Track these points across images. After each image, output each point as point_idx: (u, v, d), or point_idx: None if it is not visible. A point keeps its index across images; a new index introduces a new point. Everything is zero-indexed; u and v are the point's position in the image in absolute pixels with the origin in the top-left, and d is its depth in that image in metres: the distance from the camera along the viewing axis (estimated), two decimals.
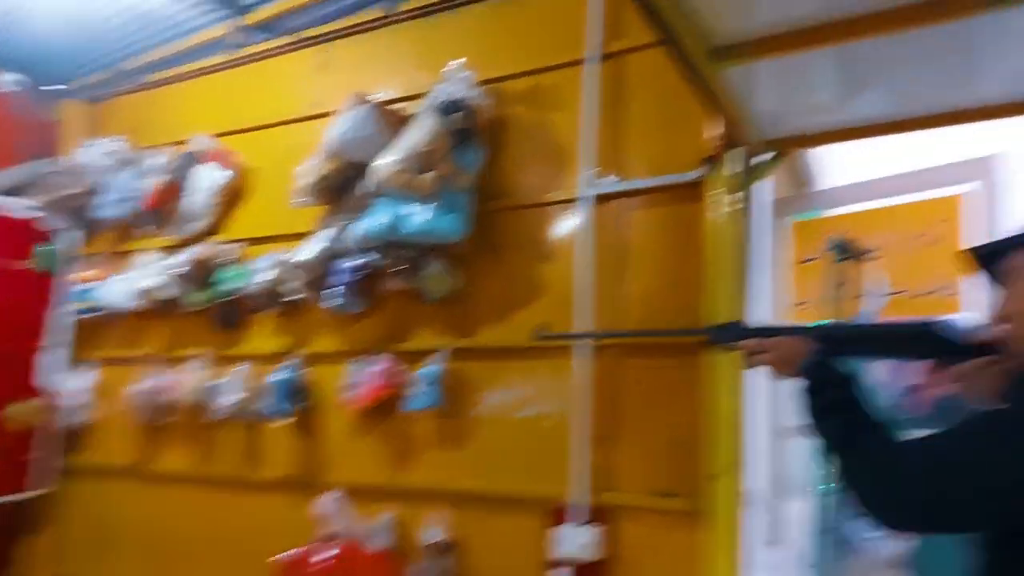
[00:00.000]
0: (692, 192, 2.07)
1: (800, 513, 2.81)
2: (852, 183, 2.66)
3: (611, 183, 2.22)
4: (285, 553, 2.39)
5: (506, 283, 2.36)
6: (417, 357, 2.42)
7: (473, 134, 2.29)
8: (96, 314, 3.13)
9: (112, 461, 3.04)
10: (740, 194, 1.96)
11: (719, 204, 1.96)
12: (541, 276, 2.32)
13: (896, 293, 2.63)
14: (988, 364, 1.10)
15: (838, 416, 1.12)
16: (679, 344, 2.06)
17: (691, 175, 2.05)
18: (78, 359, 3.22)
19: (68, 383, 3.15)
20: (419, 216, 2.28)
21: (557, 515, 2.11)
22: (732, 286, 1.96)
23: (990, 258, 1.08)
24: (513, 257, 2.37)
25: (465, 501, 2.29)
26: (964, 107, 1.69)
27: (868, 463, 1.04)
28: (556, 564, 2.06)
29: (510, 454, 2.25)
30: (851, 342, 1.29)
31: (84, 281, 3.19)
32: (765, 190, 2.17)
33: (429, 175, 2.26)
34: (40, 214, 3.19)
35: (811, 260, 2.84)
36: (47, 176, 3.25)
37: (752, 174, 1.98)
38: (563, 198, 2.29)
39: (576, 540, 2.04)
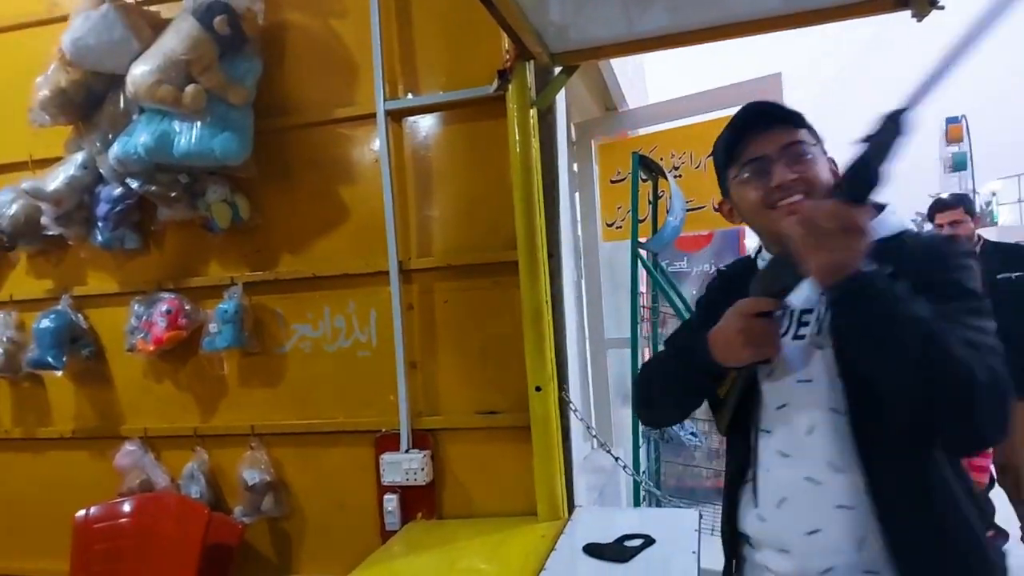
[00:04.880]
0: (490, 108, 1.97)
1: (625, 418, 3.03)
2: (654, 103, 2.71)
3: (406, 99, 2.06)
4: (86, 509, 2.19)
5: (303, 208, 2.18)
6: (209, 293, 2.22)
7: (243, 42, 2.01)
8: None
9: None
10: (535, 110, 1.88)
11: (516, 120, 1.87)
12: (341, 200, 2.16)
13: (696, 209, 2.79)
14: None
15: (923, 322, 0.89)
16: (491, 264, 2.03)
17: (486, 89, 1.94)
18: None
19: None
20: (188, 135, 2.00)
21: (382, 443, 2.09)
22: (539, 205, 1.92)
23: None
24: (307, 180, 2.18)
25: (282, 440, 2.20)
26: (746, 19, 1.70)
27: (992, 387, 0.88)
28: (386, 489, 2.07)
29: (327, 388, 2.18)
30: None
31: None
32: (562, 109, 2.11)
33: (194, 87, 1.96)
34: None
35: (619, 180, 2.92)
36: None
37: (549, 88, 1.90)
38: (355, 114, 2.10)
39: (403, 466, 2.05)
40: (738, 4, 1.64)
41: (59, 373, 2.31)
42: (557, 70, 1.91)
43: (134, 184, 2.10)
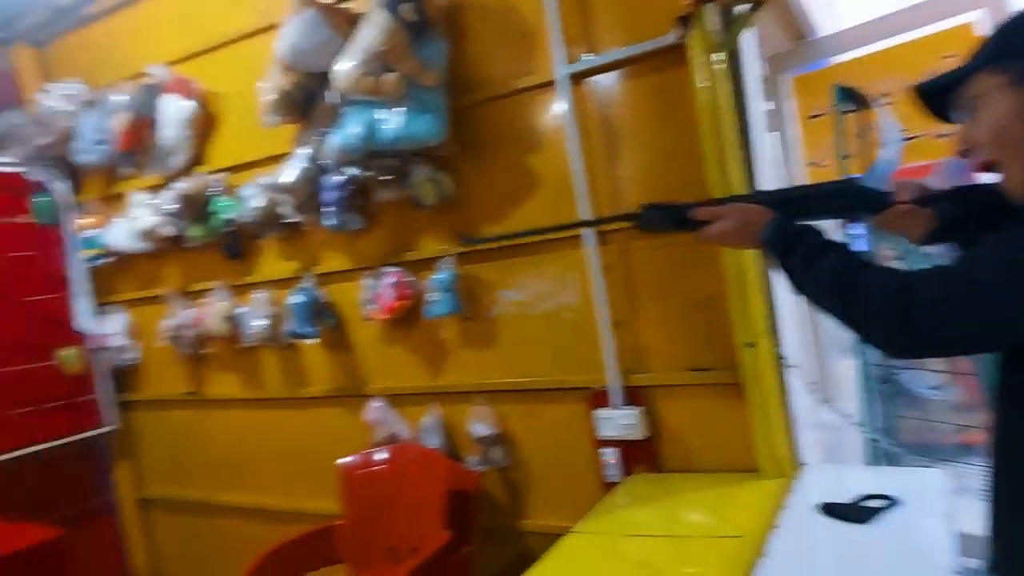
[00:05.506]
0: (673, 57, 1.87)
1: (846, 370, 2.82)
2: (851, 27, 2.37)
3: (586, 60, 2.01)
4: (346, 458, 2.54)
5: (499, 180, 2.25)
6: (426, 265, 2.39)
7: (430, 25, 2.07)
8: (107, 260, 3.14)
9: (166, 392, 3.20)
10: (723, 53, 1.75)
11: (701, 65, 1.76)
12: (531, 168, 2.20)
13: (913, 138, 2.43)
14: (909, 211, 1.15)
15: (825, 259, 1.03)
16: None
17: (667, 39, 1.84)
18: (101, 304, 3.28)
19: (102, 327, 3.24)
20: (392, 121, 2.13)
21: (596, 400, 2.17)
22: (733, 152, 1.82)
23: (943, 94, 1.00)
24: (501, 151, 2.24)
25: (504, 396, 2.35)
26: None
27: (876, 292, 0.94)
28: (603, 443, 2.15)
29: (538, 348, 2.27)
30: (785, 204, 1.20)
31: (85, 228, 3.17)
32: (752, 45, 1.93)
33: (392, 75, 2.08)
34: (23, 167, 3.11)
35: (818, 116, 2.63)
36: (17, 128, 3.11)
37: (733, 28, 1.76)
38: (538, 82, 2.10)
39: (618, 422, 2.11)
40: None
41: (313, 341, 2.66)
42: (742, 7, 1.75)
43: (353, 171, 2.30)
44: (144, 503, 3.41)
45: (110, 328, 3.23)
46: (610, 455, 2.15)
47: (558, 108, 2.11)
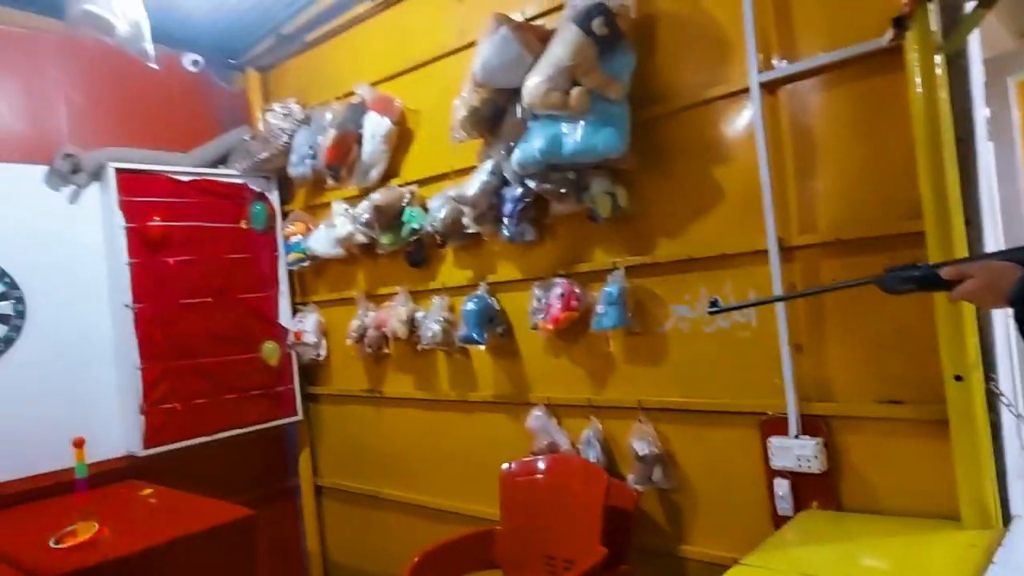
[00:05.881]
0: (882, 62, 1.76)
1: None
2: None
3: (782, 67, 1.94)
4: (508, 464, 2.59)
5: (677, 192, 2.23)
6: (596, 277, 2.41)
7: (619, 38, 2.11)
8: (306, 264, 3.48)
9: (348, 388, 3.46)
10: (943, 56, 1.61)
11: (920, 69, 1.63)
12: (715, 180, 2.15)
13: None
14: None
15: None
16: (888, 236, 1.82)
17: (879, 42, 1.73)
18: (299, 304, 3.64)
19: (298, 324, 3.58)
20: (574, 135, 2.18)
21: (770, 427, 2.05)
22: (951, 166, 1.67)
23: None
24: (682, 163, 2.21)
25: (668, 415, 2.30)
26: None
27: None
28: (776, 474, 2.03)
29: (708, 368, 2.20)
30: None
31: (291, 236, 3.54)
32: (975, 49, 1.77)
33: (578, 90, 2.13)
34: (245, 179, 3.54)
35: None
36: (242, 144, 3.56)
37: (960, 28, 1.61)
38: (728, 92, 2.06)
39: (794, 452, 1.98)
40: None
41: (483, 347, 2.76)
42: (969, 4, 1.61)
43: (531, 184, 2.38)
44: (320, 491, 3.69)
45: (305, 326, 3.56)
46: (783, 487, 2.01)
47: (748, 118, 2.05)
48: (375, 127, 3.00)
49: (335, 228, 3.23)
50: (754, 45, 1.99)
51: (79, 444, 2.34)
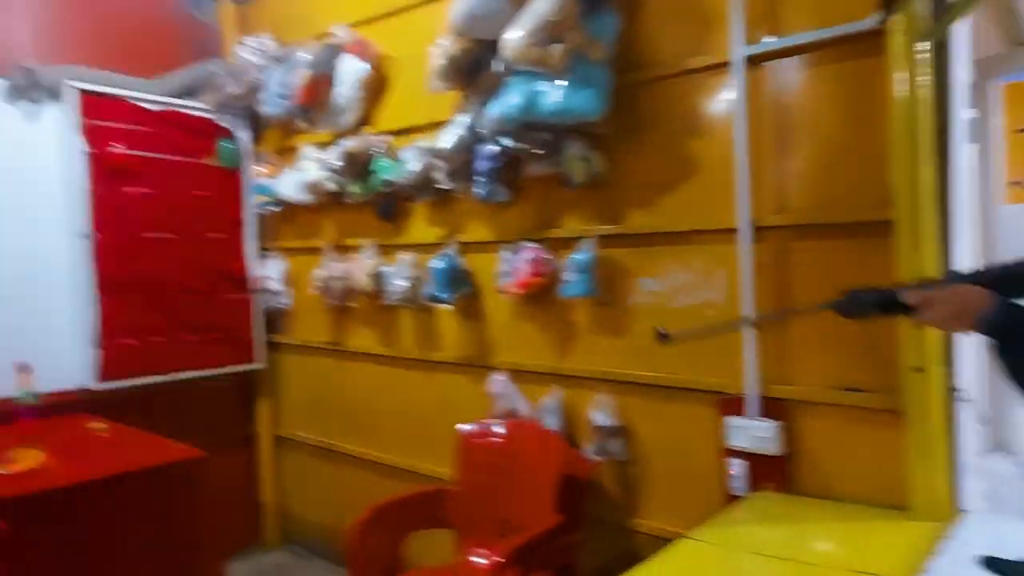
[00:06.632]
0: (867, 44, 1.71)
1: None
2: None
3: (767, 42, 1.87)
4: (466, 425, 2.57)
5: (654, 163, 2.16)
6: (566, 244, 2.35)
7: None
8: (274, 208, 3.37)
9: (310, 339, 3.40)
10: (928, 43, 1.56)
11: (902, 55, 1.58)
12: (690, 153, 2.09)
13: None
14: None
15: None
16: (859, 223, 1.79)
17: (864, 23, 1.66)
18: (264, 249, 3.54)
19: (263, 270, 3.49)
20: (552, 94, 2.10)
21: (728, 406, 2.04)
22: (927, 158, 1.62)
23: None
24: (659, 134, 2.15)
25: (629, 388, 2.27)
26: None
27: None
28: (731, 453, 2.03)
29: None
30: (1006, 282, 1.12)
31: (259, 176, 3.42)
32: (962, 40, 1.71)
33: (559, 47, 2.04)
34: (213, 113, 3.39)
35: None
36: (213, 77, 3.40)
37: (946, 15, 1.55)
38: (711, 63, 1.99)
39: (752, 433, 1.98)
40: None
41: (449, 307, 2.70)
42: None
43: (506, 142, 2.30)
44: (278, 441, 3.66)
45: (270, 272, 3.48)
46: (737, 467, 2.01)
47: (729, 92, 1.99)
48: (351, 71, 2.87)
49: (304, 172, 3.12)
50: (741, 17, 1.91)
51: (24, 369, 2.24)
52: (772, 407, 1.97)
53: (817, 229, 1.88)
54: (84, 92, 2.97)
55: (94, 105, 3.01)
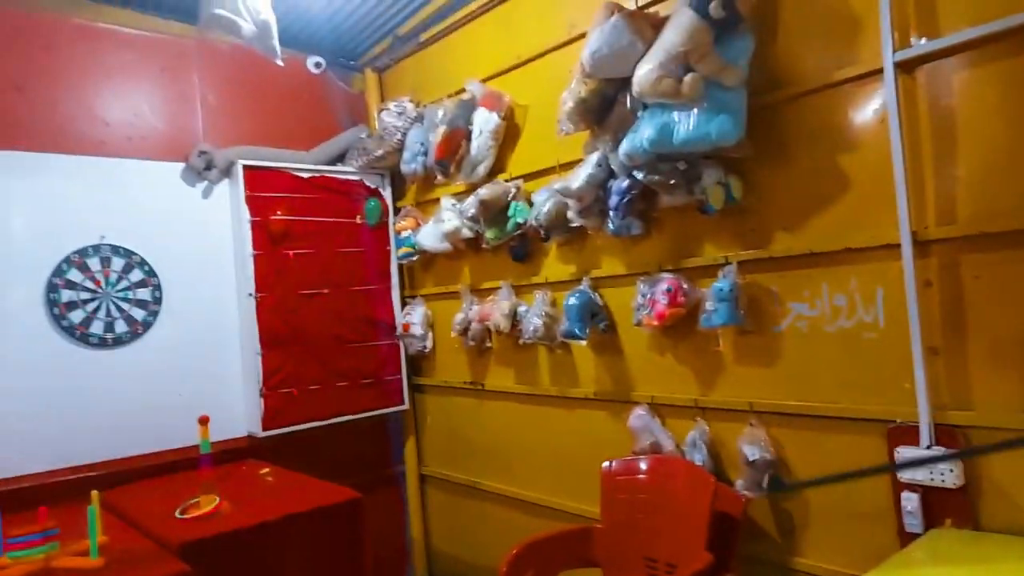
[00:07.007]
0: None
1: None
2: None
3: (921, 45, 1.79)
4: (609, 462, 2.53)
5: (797, 182, 2.10)
6: (706, 272, 2.31)
7: (738, 21, 2.01)
8: (415, 258, 3.57)
9: (451, 379, 3.51)
10: None
11: None
12: (840, 169, 2.01)
13: None
14: None
15: None
16: None
17: None
18: (408, 297, 3.73)
19: (407, 316, 3.67)
20: (686, 123, 2.10)
21: (898, 436, 1.89)
22: None
23: None
24: (802, 152, 2.09)
25: (782, 420, 2.17)
26: None
27: None
28: (904, 487, 1.87)
29: (827, 370, 2.06)
30: None
31: (401, 230, 3.63)
32: None
33: (691, 76, 2.05)
34: (360, 176, 3.67)
35: None
36: (360, 142, 3.69)
37: None
38: (858, 73, 1.92)
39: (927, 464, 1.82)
40: None
41: (584, 343, 2.72)
42: None
43: (639, 176, 2.32)
44: (424, 479, 3.77)
45: (413, 318, 3.65)
46: (912, 501, 1.85)
47: (879, 101, 1.90)
48: (483, 123, 3.02)
49: (443, 223, 3.28)
50: (889, 20, 1.84)
51: (204, 422, 2.49)
52: (948, 436, 1.80)
53: (991, 239, 1.73)
54: (248, 168, 3.32)
55: (257, 178, 3.35)
